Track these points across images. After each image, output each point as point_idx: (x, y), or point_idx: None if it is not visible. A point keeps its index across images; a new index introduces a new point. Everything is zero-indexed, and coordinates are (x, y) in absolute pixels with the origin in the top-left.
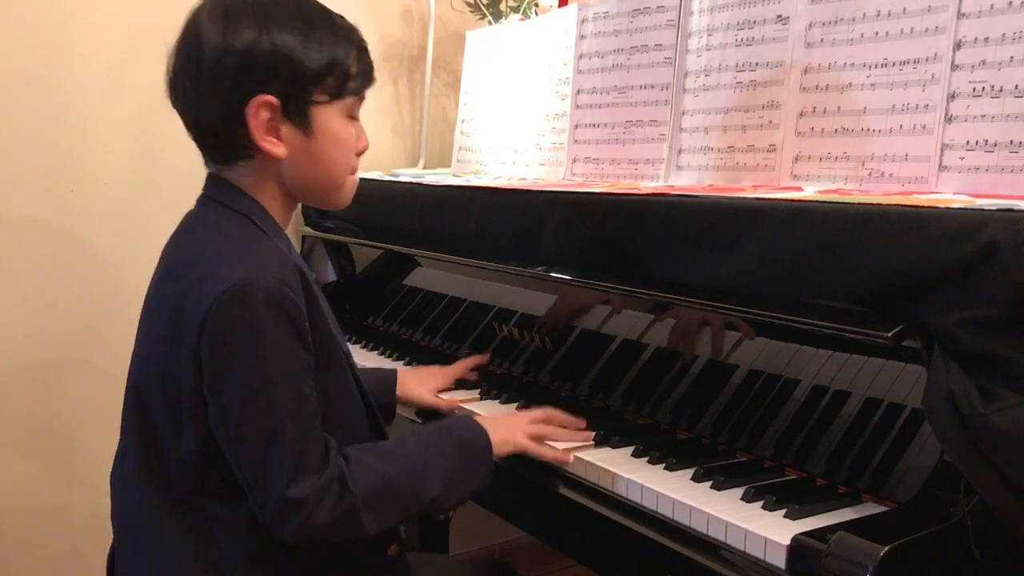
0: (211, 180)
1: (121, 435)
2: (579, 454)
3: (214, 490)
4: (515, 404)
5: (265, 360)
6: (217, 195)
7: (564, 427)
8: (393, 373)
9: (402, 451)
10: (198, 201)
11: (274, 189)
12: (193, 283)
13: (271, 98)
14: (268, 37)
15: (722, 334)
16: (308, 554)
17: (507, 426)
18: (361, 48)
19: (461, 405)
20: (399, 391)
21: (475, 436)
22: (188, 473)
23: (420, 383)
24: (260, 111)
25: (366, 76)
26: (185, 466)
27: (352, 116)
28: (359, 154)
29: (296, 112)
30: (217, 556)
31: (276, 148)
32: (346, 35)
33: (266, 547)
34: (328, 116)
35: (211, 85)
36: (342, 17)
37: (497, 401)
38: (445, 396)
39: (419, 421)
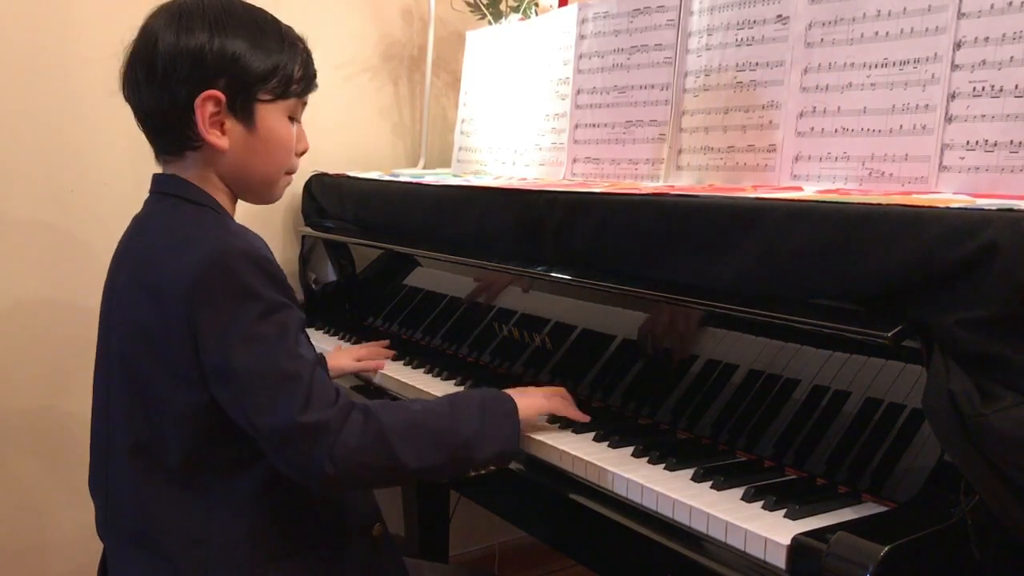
0: (160, 178)
1: (99, 438)
2: (579, 454)
3: (211, 470)
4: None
5: (257, 314)
6: (169, 190)
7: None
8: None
9: (425, 403)
10: (148, 201)
11: (217, 181)
12: (169, 263)
13: (217, 93)
14: (219, 40)
15: (722, 334)
16: (302, 534)
17: (528, 394)
18: (306, 57)
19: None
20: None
21: (498, 397)
22: (188, 454)
23: (338, 357)
24: (206, 104)
25: (309, 82)
26: (185, 447)
27: (293, 118)
28: (299, 155)
29: (241, 108)
30: (216, 536)
31: (219, 140)
32: (292, 44)
33: (263, 524)
34: (270, 114)
35: (164, 79)
36: (291, 29)
37: None
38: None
39: None
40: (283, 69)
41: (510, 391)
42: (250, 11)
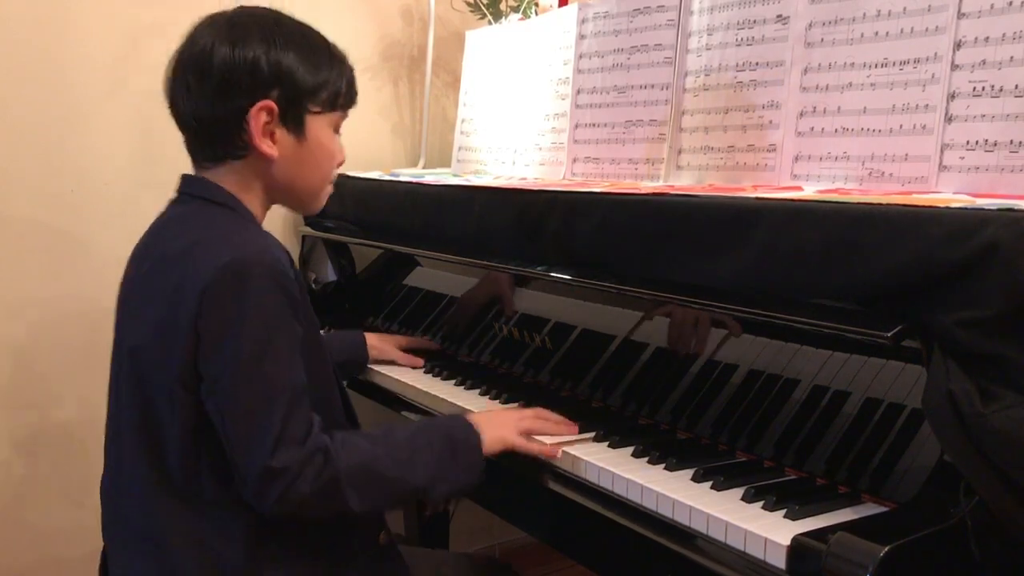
0: (188, 180)
1: (112, 442)
2: (579, 454)
3: (210, 476)
4: (515, 404)
5: (258, 331)
6: (196, 191)
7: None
8: (360, 333)
9: (389, 438)
10: (173, 201)
11: (257, 189)
12: (190, 265)
13: (271, 103)
14: (274, 53)
15: (722, 334)
16: (303, 540)
17: (498, 424)
18: (350, 74)
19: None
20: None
21: (466, 433)
22: (186, 459)
23: (384, 340)
24: (261, 114)
25: (352, 97)
26: (183, 451)
27: (336, 131)
28: (337, 166)
29: (292, 118)
30: (217, 545)
31: (271, 149)
32: (340, 62)
33: (263, 533)
34: (319, 125)
35: (218, 90)
36: (336, 46)
37: (498, 401)
38: (445, 393)
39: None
40: (332, 84)
41: (482, 419)
42: (300, 27)
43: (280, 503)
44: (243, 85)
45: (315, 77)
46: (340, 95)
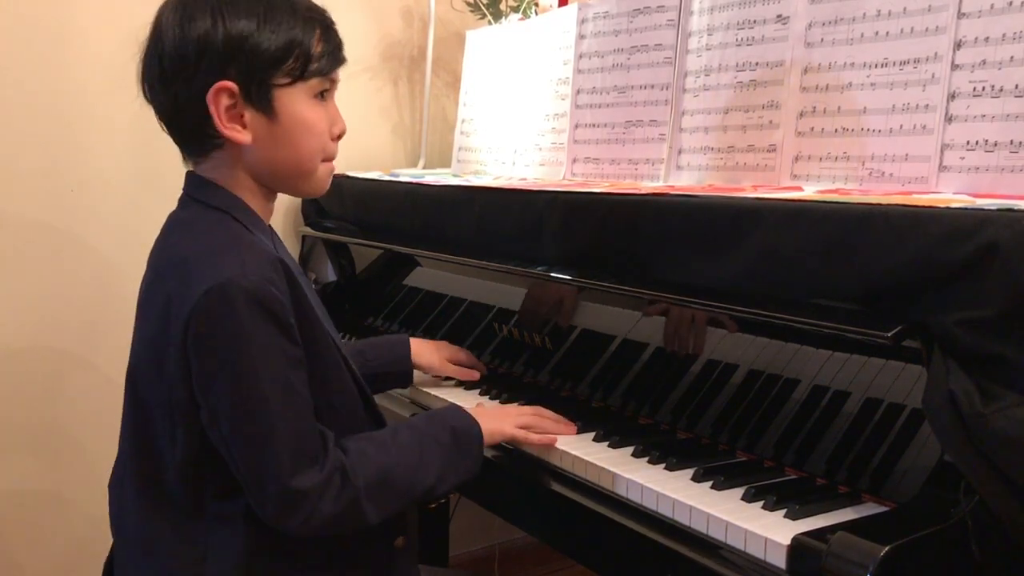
0: (189, 178)
1: (120, 442)
2: (579, 454)
3: (210, 489)
4: (515, 404)
5: (250, 358)
6: (195, 193)
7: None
8: (405, 340)
9: (398, 441)
10: (179, 201)
11: (247, 179)
12: (178, 284)
13: (230, 83)
14: (223, 25)
15: (722, 334)
16: (309, 550)
17: (497, 417)
18: (326, 28)
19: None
20: (413, 358)
21: (467, 426)
22: (184, 473)
23: (434, 350)
24: (220, 97)
25: (333, 56)
26: (181, 466)
27: (322, 99)
28: (336, 139)
29: (257, 96)
30: (216, 560)
31: (239, 135)
32: (307, 16)
33: (265, 546)
34: (292, 98)
35: (173, 76)
36: (306, 1)
37: (497, 402)
38: (445, 394)
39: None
40: (299, 46)
41: (481, 412)
42: None
43: (305, 526)
44: (195, 68)
45: (275, 42)
46: (312, 59)
